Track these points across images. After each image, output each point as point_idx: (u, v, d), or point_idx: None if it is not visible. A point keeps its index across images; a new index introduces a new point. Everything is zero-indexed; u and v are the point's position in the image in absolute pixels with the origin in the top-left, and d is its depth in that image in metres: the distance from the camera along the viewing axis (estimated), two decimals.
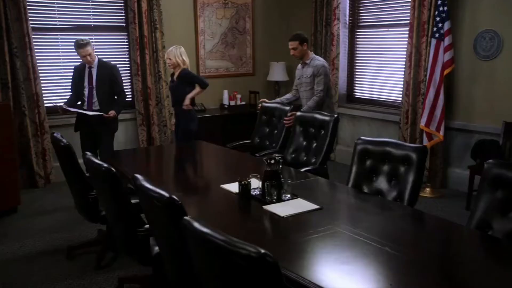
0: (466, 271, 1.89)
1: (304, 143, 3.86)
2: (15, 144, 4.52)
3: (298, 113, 3.99)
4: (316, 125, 3.77)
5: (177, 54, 4.60)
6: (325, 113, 3.85)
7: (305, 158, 3.78)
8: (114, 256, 3.48)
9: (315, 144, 3.75)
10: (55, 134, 3.27)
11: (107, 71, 4.42)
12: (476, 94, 4.70)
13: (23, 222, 4.17)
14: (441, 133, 4.63)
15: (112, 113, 4.38)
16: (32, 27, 4.95)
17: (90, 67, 4.36)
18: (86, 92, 4.41)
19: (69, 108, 4.36)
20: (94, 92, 4.39)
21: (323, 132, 3.69)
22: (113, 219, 2.66)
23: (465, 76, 4.76)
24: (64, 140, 3.11)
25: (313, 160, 3.68)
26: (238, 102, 6.41)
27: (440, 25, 4.53)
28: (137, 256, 2.60)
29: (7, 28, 4.76)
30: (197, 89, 4.63)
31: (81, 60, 4.41)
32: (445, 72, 4.57)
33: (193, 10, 6.06)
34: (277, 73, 6.50)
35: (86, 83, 4.39)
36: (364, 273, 1.82)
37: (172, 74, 4.76)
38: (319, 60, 4.53)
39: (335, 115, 3.72)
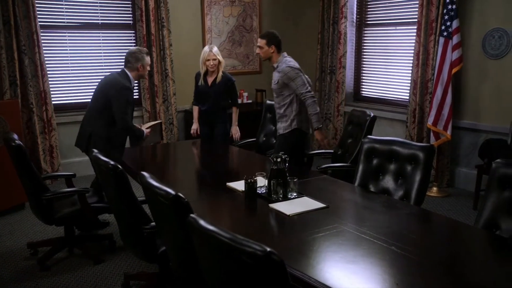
0: (473, 271, 1.87)
1: (349, 140, 3.92)
2: (23, 141, 4.54)
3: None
4: (355, 123, 3.91)
5: (219, 54, 4.35)
6: (367, 112, 3.84)
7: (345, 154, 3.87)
8: (67, 256, 3.48)
9: (350, 141, 3.87)
10: (12, 135, 3.08)
11: None
12: (484, 93, 4.66)
13: (30, 218, 4.19)
14: (449, 132, 4.61)
15: None
16: (40, 24, 4.98)
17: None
18: None
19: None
20: None
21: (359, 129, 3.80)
22: (119, 216, 2.67)
23: (474, 75, 4.72)
24: (16, 140, 2.98)
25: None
26: (245, 100, 6.40)
27: (448, 23, 4.50)
28: (142, 253, 2.61)
29: (16, 25, 4.79)
30: (235, 111, 4.49)
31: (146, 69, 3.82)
32: (453, 70, 4.54)
33: (200, 8, 6.06)
34: None
35: None
36: (370, 272, 1.81)
37: (204, 76, 4.41)
38: (286, 64, 3.75)
39: (371, 115, 3.75)
